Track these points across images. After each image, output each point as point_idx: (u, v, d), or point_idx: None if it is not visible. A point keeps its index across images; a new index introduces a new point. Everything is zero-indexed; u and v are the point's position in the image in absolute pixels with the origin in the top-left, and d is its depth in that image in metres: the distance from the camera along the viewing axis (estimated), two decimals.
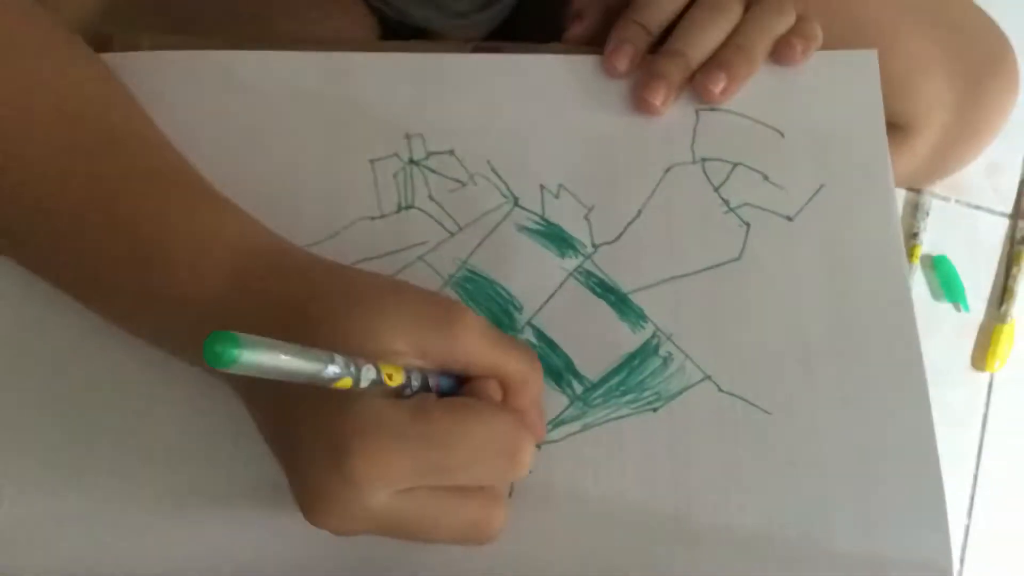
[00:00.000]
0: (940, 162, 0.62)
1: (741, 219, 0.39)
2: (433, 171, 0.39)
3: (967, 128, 0.58)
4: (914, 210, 0.98)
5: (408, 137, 0.40)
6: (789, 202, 0.39)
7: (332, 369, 0.25)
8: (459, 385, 0.31)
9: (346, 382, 0.26)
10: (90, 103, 0.35)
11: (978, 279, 0.97)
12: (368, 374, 0.27)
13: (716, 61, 0.40)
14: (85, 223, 0.32)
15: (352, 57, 0.41)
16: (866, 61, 0.42)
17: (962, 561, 0.84)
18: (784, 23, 0.41)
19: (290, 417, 0.29)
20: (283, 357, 0.23)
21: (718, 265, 0.38)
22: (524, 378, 0.32)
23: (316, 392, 0.27)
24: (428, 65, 0.41)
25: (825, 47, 0.42)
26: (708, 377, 0.37)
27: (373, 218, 0.39)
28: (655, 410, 0.36)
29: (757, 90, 0.41)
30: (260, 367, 0.22)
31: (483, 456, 0.29)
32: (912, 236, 0.97)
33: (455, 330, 0.30)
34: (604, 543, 0.34)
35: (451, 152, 0.40)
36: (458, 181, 0.39)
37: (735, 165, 0.40)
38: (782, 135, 0.40)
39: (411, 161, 0.39)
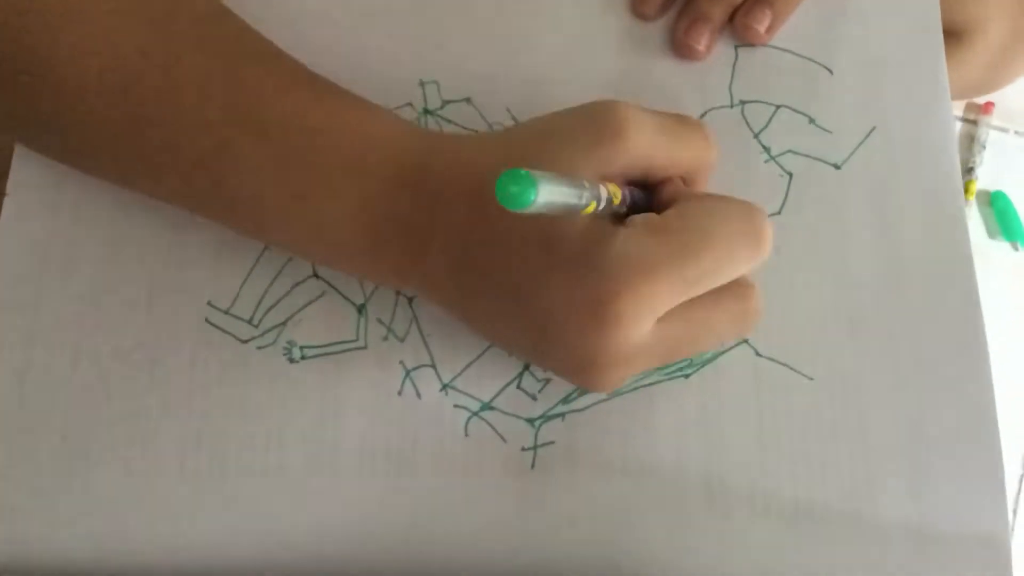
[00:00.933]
0: (997, 70, 0.58)
1: (783, 168, 0.36)
2: (449, 121, 0.37)
3: None
4: (970, 143, 0.93)
5: (422, 84, 0.37)
6: (837, 148, 0.36)
7: (587, 194, 0.24)
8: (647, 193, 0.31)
9: (592, 206, 0.24)
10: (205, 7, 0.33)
11: None
12: (603, 193, 0.25)
13: None
14: (231, 132, 0.30)
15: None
16: None
17: (1012, 524, 0.81)
18: None
19: (528, 296, 0.28)
20: (563, 188, 0.22)
21: None
22: (703, 161, 0.31)
23: (550, 257, 0.27)
24: (441, 5, 0.38)
25: None
26: (745, 340, 0.34)
27: None
28: (687, 376, 0.34)
29: (802, 22, 0.37)
30: (549, 204, 0.21)
31: (732, 249, 0.28)
32: (967, 171, 0.92)
33: (627, 141, 0.28)
34: (633, 514, 0.33)
35: (468, 100, 0.37)
36: (476, 132, 0.37)
37: (777, 108, 0.36)
38: (830, 72, 0.37)
39: (426, 111, 0.37)
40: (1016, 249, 0.92)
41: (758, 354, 0.34)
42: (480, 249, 0.29)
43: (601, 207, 0.25)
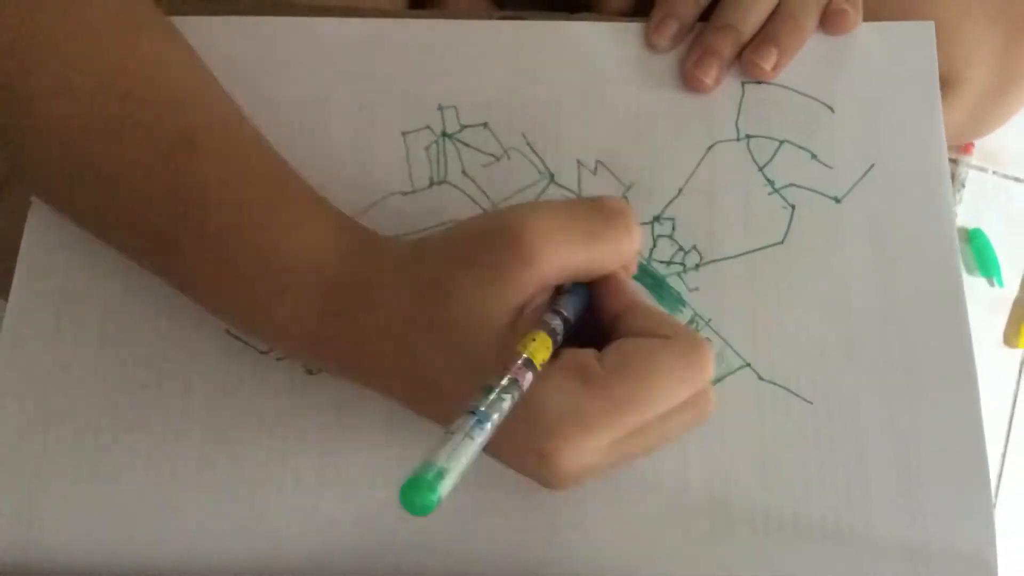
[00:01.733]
0: (981, 116, 0.59)
1: (786, 200, 0.37)
2: (467, 144, 0.38)
3: (1011, 78, 0.56)
4: (950, 181, 0.96)
5: (441, 108, 0.38)
6: (837, 183, 0.38)
7: (486, 425, 0.24)
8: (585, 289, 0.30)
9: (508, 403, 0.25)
10: (164, 93, 0.33)
11: (1013, 254, 0.95)
12: (517, 388, 0.25)
13: (766, 35, 0.38)
14: (171, 237, 0.31)
15: (382, 24, 0.40)
16: (922, 33, 0.40)
17: None
18: None
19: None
20: (463, 462, 0.23)
21: (760, 248, 0.37)
22: (625, 255, 0.30)
23: None
24: (462, 33, 0.39)
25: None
26: (748, 365, 0.35)
27: (404, 193, 0.37)
28: None
29: (807, 62, 0.39)
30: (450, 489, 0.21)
31: (672, 396, 0.28)
32: None
33: (536, 265, 0.28)
34: (639, 529, 0.34)
35: (485, 125, 0.38)
36: (492, 156, 0.38)
37: (781, 143, 0.38)
38: (832, 111, 0.39)
39: (444, 134, 0.38)
40: (992, 285, 0.95)
41: (760, 378, 0.35)
42: (414, 373, 0.29)
43: (525, 388, 0.25)
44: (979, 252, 0.94)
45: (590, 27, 0.40)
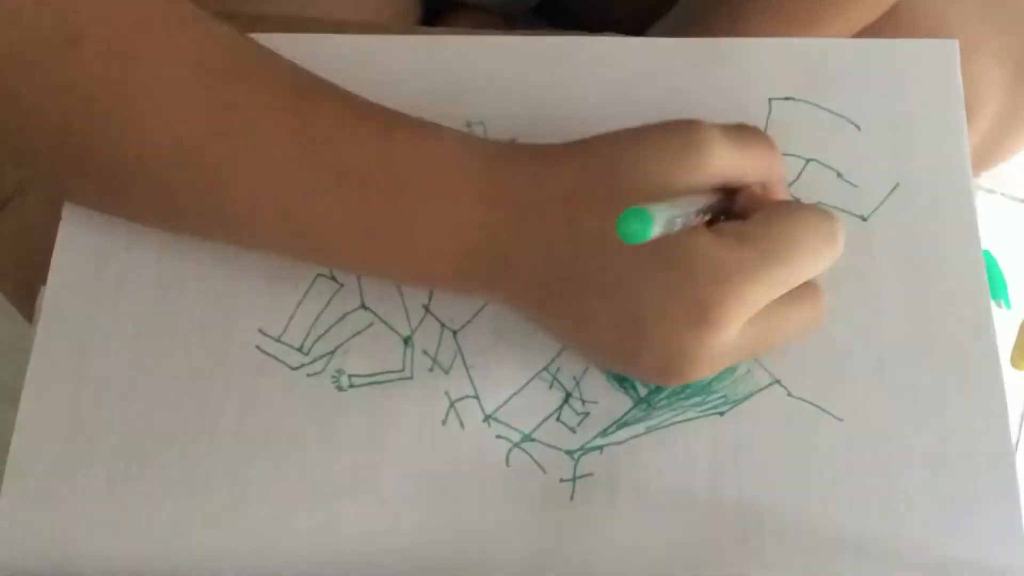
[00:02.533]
0: (988, 152, 0.60)
1: None
2: None
3: (1018, 116, 0.56)
4: None
5: (469, 124, 0.39)
6: (863, 201, 0.38)
7: (700, 210, 0.27)
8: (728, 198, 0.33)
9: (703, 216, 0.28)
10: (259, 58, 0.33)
11: (1021, 276, 0.95)
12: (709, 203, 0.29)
13: None
14: (310, 181, 0.31)
15: (407, 39, 0.40)
16: (947, 51, 0.40)
17: None
18: None
19: (624, 296, 0.30)
20: (678, 213, 0.25)
21: None
22: (772, 168, 0.33)
23: (647, 259, 0.29)
24: (491, 48, 0.40)
25: (874, 31, 0.41)
26: (777, 381, 0.35)
27: None
28: (722, 414, 0.35)
29: (833, 78, 0.39)
30: (664, 232, 0.24)
31: (813, 251, 0.31)
32: None
33: (709, 156, 0.30)
34: (668, 547, 0.33)
35: (513, 141, 0.38)
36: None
37: (808, 161, 0.38)
38: (858, 128, 0.39)
39: None
40: (999, 307, 0.95)
41: (790, 394, 0.35)
42: (571, 254, 0.30)
43: (707, 217, 0.28)
44: (988, 274, 0.95)
45: (619, 43, 0.40)
